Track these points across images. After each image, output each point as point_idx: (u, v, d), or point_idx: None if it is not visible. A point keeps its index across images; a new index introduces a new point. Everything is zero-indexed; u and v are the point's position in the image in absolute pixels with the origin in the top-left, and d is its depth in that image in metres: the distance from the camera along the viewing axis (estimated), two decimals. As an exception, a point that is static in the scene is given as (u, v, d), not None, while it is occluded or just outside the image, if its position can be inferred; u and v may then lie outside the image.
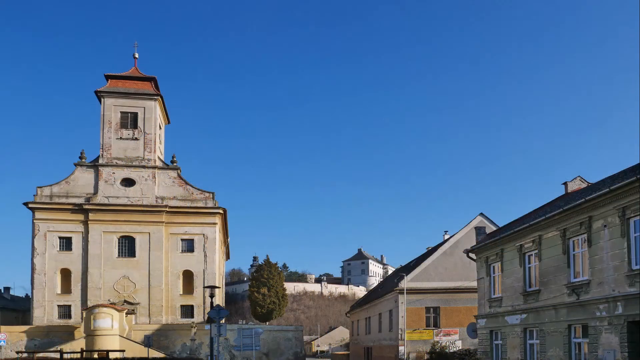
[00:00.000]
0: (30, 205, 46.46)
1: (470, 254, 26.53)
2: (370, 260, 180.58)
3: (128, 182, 48.34)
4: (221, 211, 50.03)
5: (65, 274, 46.96)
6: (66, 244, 47.08)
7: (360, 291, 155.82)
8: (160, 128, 52.07)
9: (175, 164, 50.01)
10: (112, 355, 34.22)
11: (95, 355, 35.05)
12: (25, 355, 35.02)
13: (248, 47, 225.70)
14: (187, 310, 48.80)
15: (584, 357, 17.44)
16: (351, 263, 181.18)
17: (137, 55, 52.37)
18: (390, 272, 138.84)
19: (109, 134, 48.51)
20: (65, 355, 33.02)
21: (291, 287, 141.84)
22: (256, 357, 39.44)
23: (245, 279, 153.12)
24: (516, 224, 23.11)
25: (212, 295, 27.02)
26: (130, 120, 49.25)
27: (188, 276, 48.99)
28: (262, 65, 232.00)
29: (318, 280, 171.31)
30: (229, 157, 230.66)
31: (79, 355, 33.13)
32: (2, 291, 64.98)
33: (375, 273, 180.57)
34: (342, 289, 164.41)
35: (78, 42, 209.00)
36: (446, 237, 44.20)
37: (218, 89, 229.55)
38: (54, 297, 46.40)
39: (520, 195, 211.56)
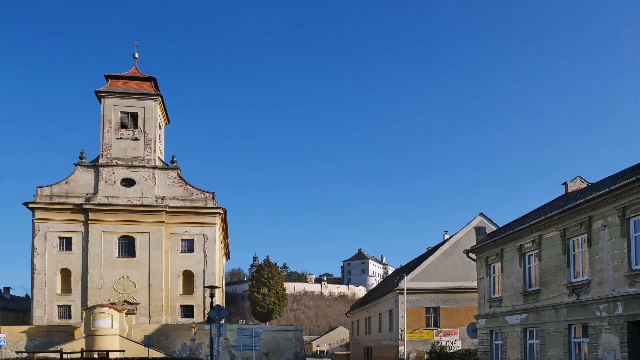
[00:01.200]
0: (30, 205, 46.50)
1: (470, 254, 26.53)
2: (370, 260, 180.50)
3: (128, 182, 48.38)
4: (221, 211, 50.05)
5: (65, 274, 47.00)
6: (66, 244, 47.13)
7: (360, 291, 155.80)
8: (160, 128, 52.10)
9: (175, 164, 50.04)
10: (112, 355, 34.18)
11: (95, 355, 35.03)
12: (25, 355, 34.96)
13: (248, 47, 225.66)
14: (187, 310, 48.84)
15: (584, 357, 17.43)
16: (351, 263, 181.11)
17: (137, 55, 52.56)
18: (390, 272, 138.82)
19: (109, 134, 48.56)
20: (65, 355, 32.96)
21: (291, 287, 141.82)
22: (256, 357, 39.44)
23: (245, 279, 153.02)
24: (516, 224, 23.11)
25: (212, 295, 27.04)
26: (130, 120, 49.30)
27: (188, 276, 49.03)
28: (262, 65, 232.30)
29: (318, 280, 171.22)
30: (229, 157, 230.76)
31: (79, 355, 33.10)
32: (2, 291, 65.00)
33: (375, 273, 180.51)
34: (342, 289, 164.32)
35: (78, 42, 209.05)
36: (446, 237, 44.21)
37: (218, 88, 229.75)
38: (54, 297, 46.44)
39: (520, 195, 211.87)
